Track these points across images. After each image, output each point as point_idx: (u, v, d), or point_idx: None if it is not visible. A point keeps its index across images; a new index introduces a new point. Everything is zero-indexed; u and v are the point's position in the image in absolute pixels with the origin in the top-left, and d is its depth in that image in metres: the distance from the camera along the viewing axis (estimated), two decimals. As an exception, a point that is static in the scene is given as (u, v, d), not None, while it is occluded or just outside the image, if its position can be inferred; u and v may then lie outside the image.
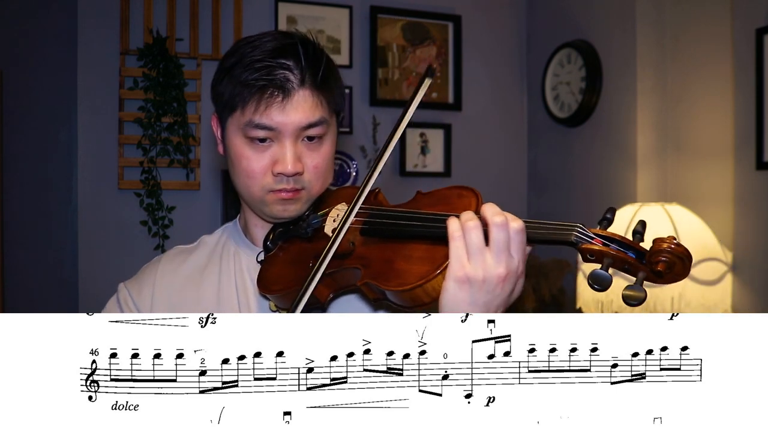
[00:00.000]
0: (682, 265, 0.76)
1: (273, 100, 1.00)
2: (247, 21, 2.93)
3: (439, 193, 0.97)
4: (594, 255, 0.79)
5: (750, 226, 2.26)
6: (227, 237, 1.20)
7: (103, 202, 2.77)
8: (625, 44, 2.68)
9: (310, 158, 1.05)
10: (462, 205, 0.90)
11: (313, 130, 1.03)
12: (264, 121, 1.00)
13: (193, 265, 1.16)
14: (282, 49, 1.02)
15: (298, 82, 1.01)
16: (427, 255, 0.87)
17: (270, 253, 1.09)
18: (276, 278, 1.02)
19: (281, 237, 1.09)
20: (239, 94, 1.01)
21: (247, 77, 1.00)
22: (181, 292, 1.12)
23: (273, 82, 1.00)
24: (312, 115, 1.02)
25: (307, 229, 1.06)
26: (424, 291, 0.84)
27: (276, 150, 1.03)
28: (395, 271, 0.88)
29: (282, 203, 1.06)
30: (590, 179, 2.90)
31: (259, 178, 1.04)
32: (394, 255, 0.90)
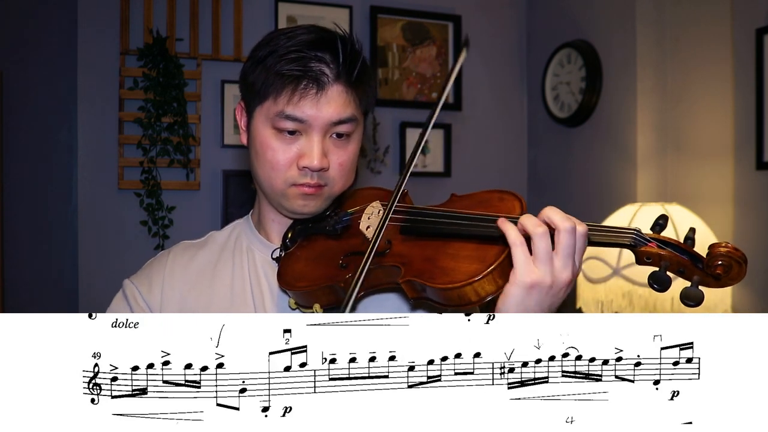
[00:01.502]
0: (739, 269, 0.80)
1: (307, 92, 0.98)
2: (247, 21, 2.93)
3: (477, 196, 0.98)
4: (651, 258, 0.82)
5: (750, 226, 2.26)
6: (239, 233, 1.17)
7: (103, 202, 2.77)
8: (625, 44, 2.68)
9: (336, 155, 1.03)
10: (505, 208, 0.91)
11: (342, 127, 1.02)
12: (296, 113, 0.99)
13: (203, 260, 1.13)
14: (319, 41, 1.01)
15: (334, 77, 1.00)
16: (475, 254, 0.86)
17: (289, 250, 1.07)
18: (300, 275, 1.01)
19: (302, 233, 1.08)
20: (273, 83, 1.00)
21: (281, 67, 0.99)
22: (192, 289, 1.09)
23: (308, 74, 0.98)
24: (344, 111, 1.01)
25: (336, 226, 1.04)
26: (473, 289, 0.84)
27: (303, 143, 1.01)
28: (441, 269, 0.87)
29: (303, 198, 1.04)
30: (590, 179, 2.90)
31: (283, 170, 1.02)
32: (436, 253, 0.90)
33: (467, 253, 0.87)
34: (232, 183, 2.89)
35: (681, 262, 0.81)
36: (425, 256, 0.90)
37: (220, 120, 2.88)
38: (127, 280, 1.13)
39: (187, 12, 2.84)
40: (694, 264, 0.81)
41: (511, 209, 0.90)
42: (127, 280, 1.13)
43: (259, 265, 1.11)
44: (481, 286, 0.83)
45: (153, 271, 1.12)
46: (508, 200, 0.92)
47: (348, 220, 1.05)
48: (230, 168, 2.90)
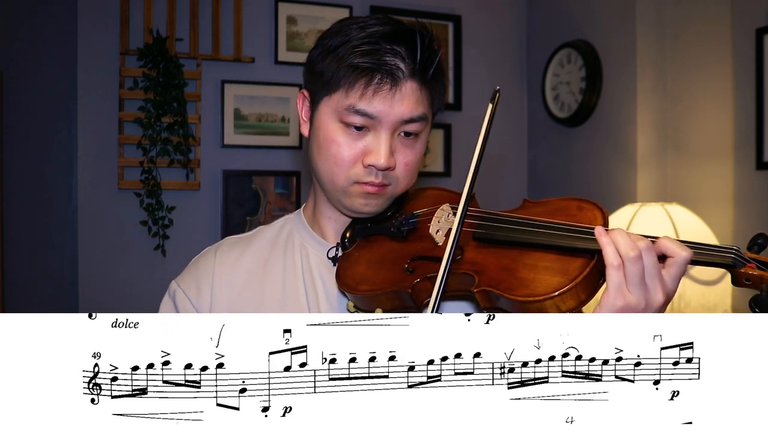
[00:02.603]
0: None
1: (381, 87, 0.93)
2: (247, 21, 2.93)
3: (553, 203, 0.94)
4: (751, 279, 0.80)
5: (750, 226, 2.26)
6: (291, 228, 1.11)
7: (103, 202, 2.77)
8: (625, 44, 2.68)
9: (403, 155, 0.98)
10: (585, 218, 0.88)
11: (412, 126, 0.97)
12: (367, 108, 0.94)
13: (252, 258, 1.07)
14: (395, 34, 0.96)
15: (409, 73, 0.95)
16: (557, 266, 0.82)
17: (347, 251, 1.02)
18: (362, 278, 0.96)
19: (361, 234, 1.03)
20: (345, 76, 0.94)
21: (355, 59, 0.93)
22: (243, 290, 1.04)
23: (383, 68, 0.93)
24: (416, 110, 0.96)
25: (402, 228, 0.99)
26: (554, 304, 0.80)
27: (371, 140, 0.96)
28: (519, 279, 0.83)
29: (365, 197, 0.99)
30: (590, 179, 2.90)
31: (347, 167, 0.97)
32: (514, 263, 0.85)
33: (547, 264, 0.83)
34: (232, 183, 2.89)
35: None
36: (502, 265, 0.86)
37: (220, 120, 2.88)
38: (174, 282, 1.08)
39: (187, 12, 2.84)
40: None
41: (592, 220, 0.86)
42: (173, 282, 1.08)
43: (313, 265, 1.05)
44: (562, 300, 0.80)
45: (200, 272, 1.07)
46: (588, 209, 0.89)
47: (415, 222, 1.00)
48: (230, 168, 2.90)
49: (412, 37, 0.97)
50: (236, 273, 1.06)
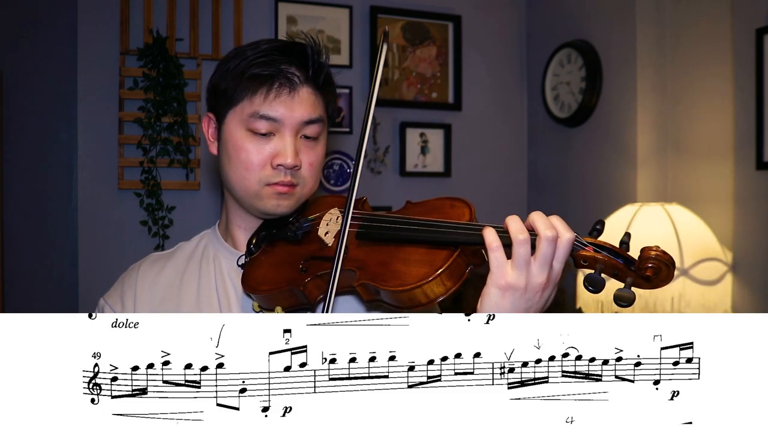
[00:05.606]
0: (668, 271, 0.82)
1: (281, 92, 1.03)
2: (247, 21, 2.93)
3: (430, 203, 1.01)
4: (587, 261, 0.85)
5: (750, 226, 2.26)
6: (206, 242, 1.20)
7: (103, 202, 2.77)
8: (625, 44, 2.68)
9: (307, 155, 1.08)
10: (455, 214, 0.95)
11: (312, 128, 1.07)
12: (270, 112, 1.03)
13: (171, 272, 1.16)
14: (286, 48, 1.07)
15: (304, 78, 1.06)
16: (425, 258, 0.90)
17: (253, 256, 1.11)
18: (263, 279, 1.05)
19: (265, 240, 1.12)
20: (248, 86, 1.04)
21: (254, 69, 1.03)
22: (162, 301, 1.12)
23: (281, 75, 1.03)
24: (314, 112, 1.06)
25: (297, 232, 1.08)
26: (422, 292, 0.87)
27: (276, 142, 1.05)
28: (393, 272, 0.91)
29: (277, 198, 1.07)
30: (590, 179, 2.90)
31: (258, 170, 1.05)
32: (389, 258, 0.94)
33: (418, 258, 0.91)
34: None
35: (615, 265, 0.84)
36: (379, 261, 0.94)
37: (220, 120, 2.88)
38: (102, 299, 1.16)
39: (187, 12, 2.84)
40: (627, 267, 0.84)
41: (461, 215, 0.94)
42: (102, 299, 1.16)
43: (225, 273, 1.13)
44: (430, 288, 0.87)
45: (124, 287, 1.15)
46: (458, 207, 0.96)
47: (308, 226, 1.09)
48: (230, 168, 2.90)
49: (302, 49, 1.07)
50: (156, 286, 1.14)
